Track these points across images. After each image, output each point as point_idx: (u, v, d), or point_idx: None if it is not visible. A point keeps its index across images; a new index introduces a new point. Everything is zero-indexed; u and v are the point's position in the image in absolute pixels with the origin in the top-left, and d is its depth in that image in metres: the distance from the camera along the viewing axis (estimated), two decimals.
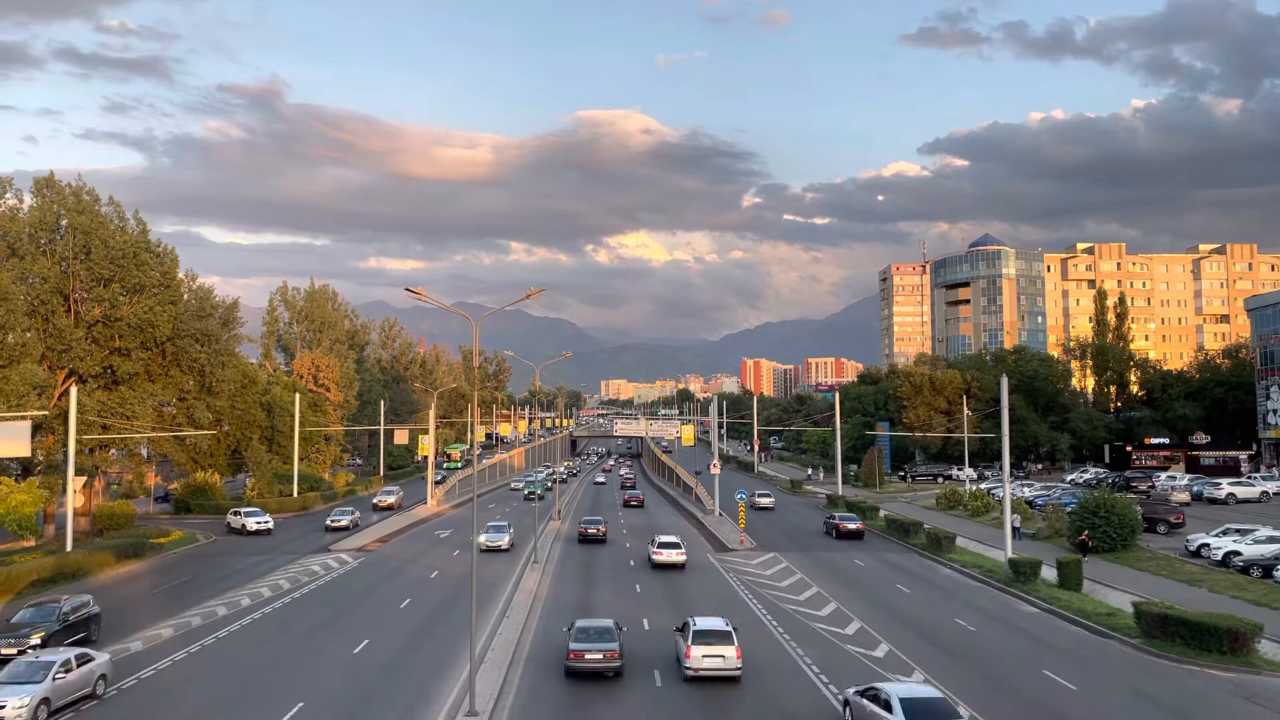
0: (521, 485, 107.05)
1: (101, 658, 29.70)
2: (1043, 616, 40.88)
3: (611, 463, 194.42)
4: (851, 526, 68.55)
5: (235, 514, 72.44)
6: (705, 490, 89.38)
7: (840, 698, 27.59)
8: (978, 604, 43.70)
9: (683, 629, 32.00)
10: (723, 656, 30.07)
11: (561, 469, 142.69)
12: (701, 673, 29.98)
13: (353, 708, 27.66)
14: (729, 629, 31.27)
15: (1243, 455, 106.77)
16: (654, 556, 53.92)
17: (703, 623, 31.44)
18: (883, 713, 23.99)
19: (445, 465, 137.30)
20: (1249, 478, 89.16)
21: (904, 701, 23.83)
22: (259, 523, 70.75)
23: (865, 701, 25.10)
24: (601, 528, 65.48)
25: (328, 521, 71.14)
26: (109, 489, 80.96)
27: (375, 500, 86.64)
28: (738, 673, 30.15)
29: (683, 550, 54.82)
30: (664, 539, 55.78)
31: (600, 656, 30.45)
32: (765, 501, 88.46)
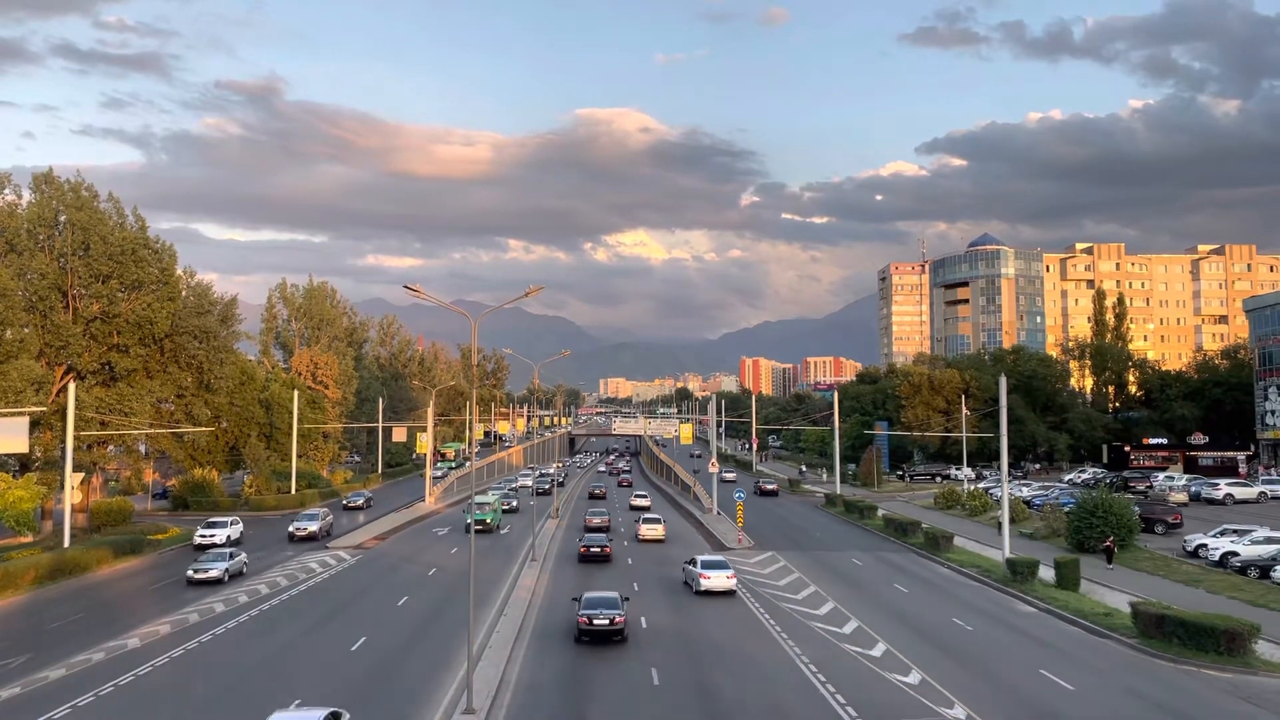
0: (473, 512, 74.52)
1: None
2: (1040, 616, 40.90)
3: (611, 458, 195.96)
4: (769, 487, 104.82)
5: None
6: (703, 489, 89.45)
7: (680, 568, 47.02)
8: (975, 603, 43.71)
9: (638, 520, 67.99)
10: (656, 529, 64.97)
11: (553, 469, 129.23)
12: (645, 538, 64.25)
13: (350, 705, 27.53)
14: (659, 517, 68.58)
15: (1241, 456, 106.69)
16: (631, 502, 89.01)
17: (646, 515, 70.40)
18: (692, 567, 46.41)
19: (439, 465, 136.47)
20: (1260, 477, 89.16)
21: (702, 561, 46.26)
22: (203, 536, 59.98)
23: (686, 565, 47.95)
24: (603, 489, 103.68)
25: (189, 572, 48.13)
26: (107, 485, 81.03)
27: (292, 528, 64.90)
28: (664, 537, 64.50)
29: (648, 497, 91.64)
30: (638, 492, 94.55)
31: (599, 522, 66.22)
32: (729, 476, 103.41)
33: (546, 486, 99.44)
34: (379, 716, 26.80)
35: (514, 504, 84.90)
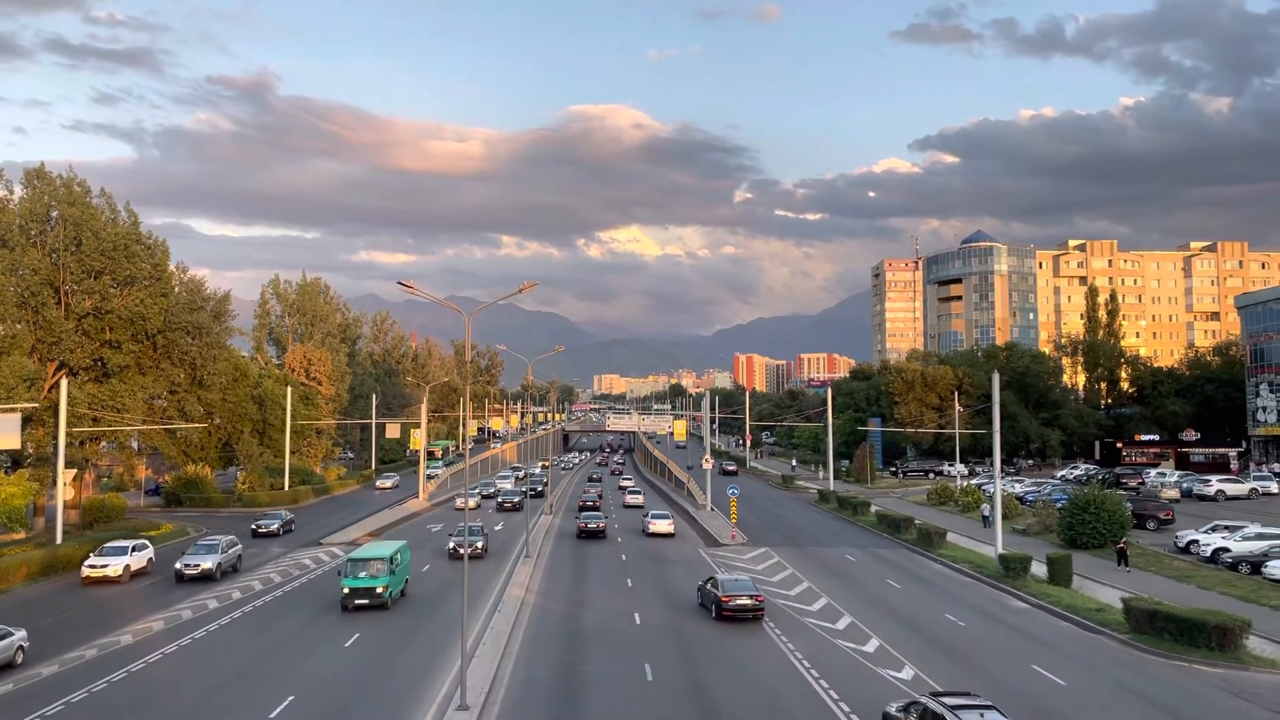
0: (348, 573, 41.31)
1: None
2: (1032, 612, 41.06)
3: (606, 453, 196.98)
4: (729, 468, 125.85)
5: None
6: (697, 485, 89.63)
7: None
8: (968, 599, 43.87)
9: (624, 493, 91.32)
10: (637, 497, 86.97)
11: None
12: (628, 505, 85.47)
13: (343, 701, 27.65)
14: (640, 490, 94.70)
15: (1232, 452, 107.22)
16: (619, 484, 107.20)
17: (630, 489, 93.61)
18: (645, 517, 68.78)
19: (426, 464, 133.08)
20: (1252, 473, 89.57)
21: (652, 513, 68.44)
22: (93, 566, 47.17)
23: (643, 517, 70.31)
24: (599, 475, 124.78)
25: None
26: (99, 482, 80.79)
27: (180, 564, 48.07)
28: (643, 504, 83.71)
29: (633, 480, 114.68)
30: (625, 478, 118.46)
31: (595, 492, 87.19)
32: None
33: (516, 500, 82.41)
34: (373, 713, 26.82)
35: (480, 544, 55.30)
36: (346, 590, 39.52)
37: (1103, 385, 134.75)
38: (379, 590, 39.72)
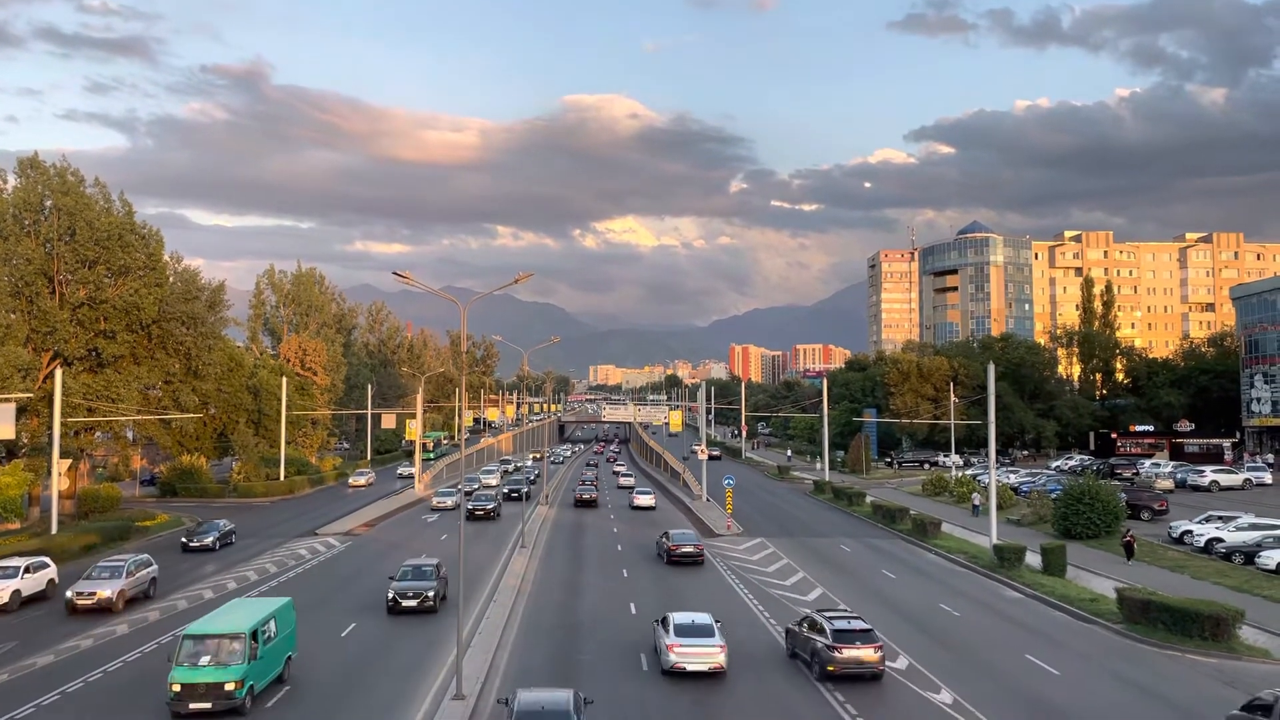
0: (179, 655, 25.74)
1: None
2: (1026, 602, 41.18)
3: (602, 444, 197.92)
4: (714, 454, 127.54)
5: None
6: (692, 475, 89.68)
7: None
8: (962, 589, 43.98)
9: (615, 475, 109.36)
10: (629, 479, 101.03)
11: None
12: (621, 485, 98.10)
13: (339, 692, 27.67)
14: (631, 473, 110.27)
15: (1226, 443, 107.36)
16: (613, 469, 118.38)
17: (623, 473, 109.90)
18: (631, 494, 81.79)
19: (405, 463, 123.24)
20: (1246, 464, 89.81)
21: (636, 489, 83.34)
22: None
23: (629, 494, 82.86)
24: (595, 462, 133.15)
25: None
26: (94, 472, 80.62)
27: (73, 591, 38.21)
28: (633, 485, 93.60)
29: (625, 465, 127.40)
30: (619, 464, 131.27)
31: (591, 475, 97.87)
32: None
33: (489, 507, 68.08)
34: (368, 704, 26.85)
35: (430, 593, 38.20)
36: (177, 688, 24.93)
37: (1098, 376, 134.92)
38: (229, 687, 25.00)
